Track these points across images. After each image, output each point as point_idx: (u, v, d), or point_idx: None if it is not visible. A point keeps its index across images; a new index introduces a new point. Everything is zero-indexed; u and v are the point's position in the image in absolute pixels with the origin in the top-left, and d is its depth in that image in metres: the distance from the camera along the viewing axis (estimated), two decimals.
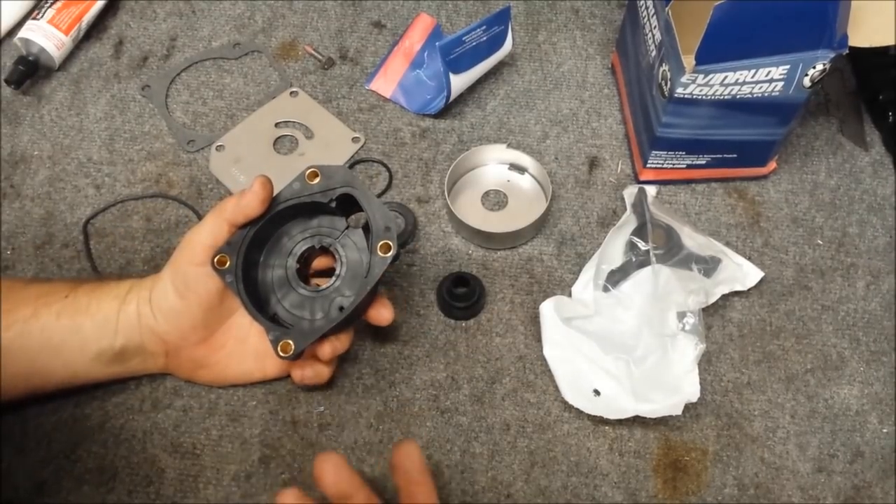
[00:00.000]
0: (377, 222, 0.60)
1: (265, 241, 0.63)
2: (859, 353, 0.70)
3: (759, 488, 0.64)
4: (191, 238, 0.60)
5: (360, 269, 0.63)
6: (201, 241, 0.60)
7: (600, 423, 0.66)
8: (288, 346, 0.58)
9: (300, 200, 0.62)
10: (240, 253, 0.60)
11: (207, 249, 0.59)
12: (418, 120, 0.81)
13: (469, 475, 0.64)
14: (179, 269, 0.60)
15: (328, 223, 0.64)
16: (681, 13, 0.66)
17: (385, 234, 0.60)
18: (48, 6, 0.83)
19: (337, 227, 0.63)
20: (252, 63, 0.85)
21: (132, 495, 0.63)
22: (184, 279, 0.60)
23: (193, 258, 0.60)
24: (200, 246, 0.60)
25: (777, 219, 0.76)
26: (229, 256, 0.60)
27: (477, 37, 0.76)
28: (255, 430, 0.65)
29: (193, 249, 0.60)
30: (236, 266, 0.60)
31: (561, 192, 0.77)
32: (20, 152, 0.79)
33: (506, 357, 0.69)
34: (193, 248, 0.60)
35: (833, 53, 0.63)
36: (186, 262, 0.60)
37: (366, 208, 0.61)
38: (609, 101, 0.83)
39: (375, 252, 0.59)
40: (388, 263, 0.59)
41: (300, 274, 0.63)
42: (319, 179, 0.61)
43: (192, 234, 0.61)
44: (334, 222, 0.64)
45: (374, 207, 0.61)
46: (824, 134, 0.81)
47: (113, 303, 0.61)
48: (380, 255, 0.59)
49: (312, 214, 0.63)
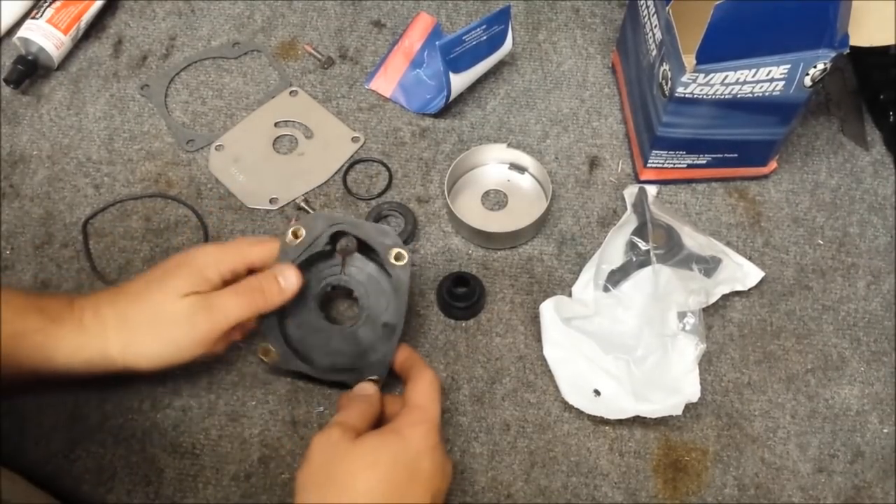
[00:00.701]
0: (376, 241, 0.63)
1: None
2: (860, 353, 0.70)
3: (759, 488, 0.64)
4: (221, 308, 0.58)
5: (377, 285, 0.66)
6: (231, 317, 0.59)
7: (600, 423, 0.66)
8: (373, 383, 0.62)
9: (307, 256, 0.63)
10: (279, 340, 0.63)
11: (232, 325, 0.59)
12: (418, 119, 0.81)
13: (469, 475, 0.64)
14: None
15: (329, 264, 0.66)
16: (681, 12, 0.66)
17: (389, 246, 0.63)
18: (47, 5, 0.83)
19: (335, 262, 0.66)
20: (251, 62, 0.85)
21: (131, 495, 0.63)
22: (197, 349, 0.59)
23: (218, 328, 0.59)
24: (227, 323, 0.59)
25: (778, 219, 0.76)
26: (273, 346, 0.63)
27: (477, 36, 0.75)
28: (254, 430, 0.65)
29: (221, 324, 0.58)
30: (282, 354, 0.63)
31: (561, 192, 0.77)
32: (19, 152, 0.79)
33: (506, 357, 0.69)
34: (221, 321, 0.58)
35: (834, 53, 0.63)
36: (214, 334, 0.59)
37: (359, 234, 0.64)
38: (609, 101, 0.83)
39: (392, 266, 0.62)
40: (410, 268, 0.62)
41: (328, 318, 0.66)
42: (304, 233, 0.63)
43: (220, 303, 0.58)
44: (329, 261, 0.66)
45: (366, 230, 0.64)
46: (825, 134, 0.81)
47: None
48: (398, 266, 0.62)
49: (310, 265, 0.65)
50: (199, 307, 0.58)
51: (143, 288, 0.59)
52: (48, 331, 0.56)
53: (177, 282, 0.58)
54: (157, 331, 0.57)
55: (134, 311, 0.58)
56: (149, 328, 0.57)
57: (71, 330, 0.57)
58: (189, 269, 0.59)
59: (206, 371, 0.67)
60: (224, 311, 0.58)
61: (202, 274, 0.59)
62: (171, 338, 0.58)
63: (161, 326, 0.57)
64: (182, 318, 0.57)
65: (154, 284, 0.59)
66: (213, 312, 0.58)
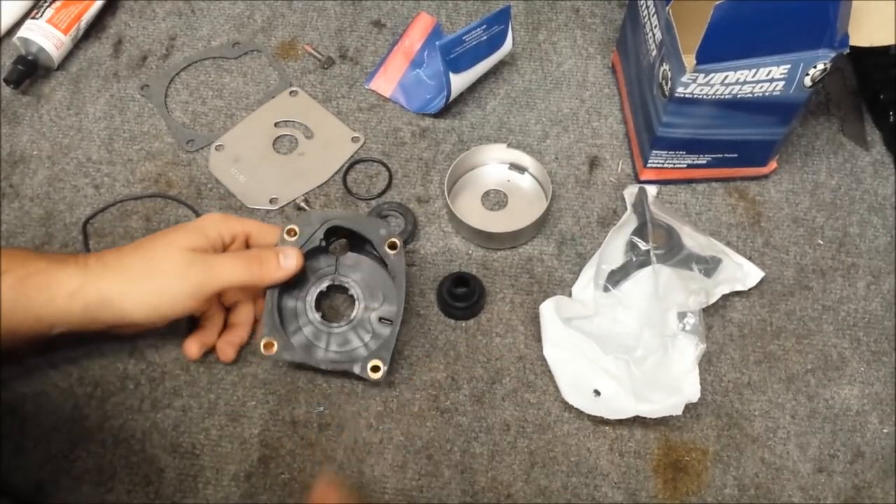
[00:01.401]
0: (371, 232, 0.65)
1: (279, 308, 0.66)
2: (860, 354, 0.70)
3: (759, 488, 0.64)
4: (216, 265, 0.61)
5: (372, 280, 0.68)
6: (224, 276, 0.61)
7: (600, 423, 0.66)
8: (378, 367, 0.62)
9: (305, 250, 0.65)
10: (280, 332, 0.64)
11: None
12: (418, 119, 0.81)
13: (469, 475, 0.64)
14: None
15: (324, 263, 0.68)
16: (681, 12, 0.66)
17: (384, 237, 0.65)
18: (47, 5, 0.83)
19: (329, 263, 0.69)
20: (251, 62, 0.85)
21: (131, 495, 0.63)
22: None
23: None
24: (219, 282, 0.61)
25: (778, 219, 0.76)
26: (275, 340, 0.63)
27: (477, 36, 0.75)
28: (254, 430, 0.65)
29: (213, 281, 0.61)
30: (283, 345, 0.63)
31: (561, 192, 0.77)
32: (19, 152, 0.79)
33: (506, 357, 0.69)
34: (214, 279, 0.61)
35: (834, 53, 0.63)
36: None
37: (354, 228, 0.66)
38: (609, 101, 0.83)
39: (387, 255, 0.65)
40: (403, 256, 0.65)
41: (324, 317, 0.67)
42: (299, 231, 0.65)
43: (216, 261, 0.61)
44: (324, 262, 0.68)
45: (359, 223, 0.66)
46: (825, 134, 0.81)
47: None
48: (392, 254, 0.65)
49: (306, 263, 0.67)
50: (195, 260, 0.60)
51: (147, 241, 0.62)
52: (51, 271, 0.58)
53: (177, 235, 0.61)
54: (153, 277, 0.60)
55: (134, 259, 0.60)
56: (145, 276, 0.59)
57: (74, 271, 0.58)
58: (192, 226, 0.63)
59: (206, 371, 0.67)
60: (218, 269, 0.61)
61: (203, 231, 0.62)
62: (164, 285, 0.60)
63: (156, 274, 0.60)
64: (177, 269, 0.60)
65: (158, 238, 0.62)
66: (208, 268, 0.61)
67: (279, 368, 0.68)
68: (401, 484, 0.64)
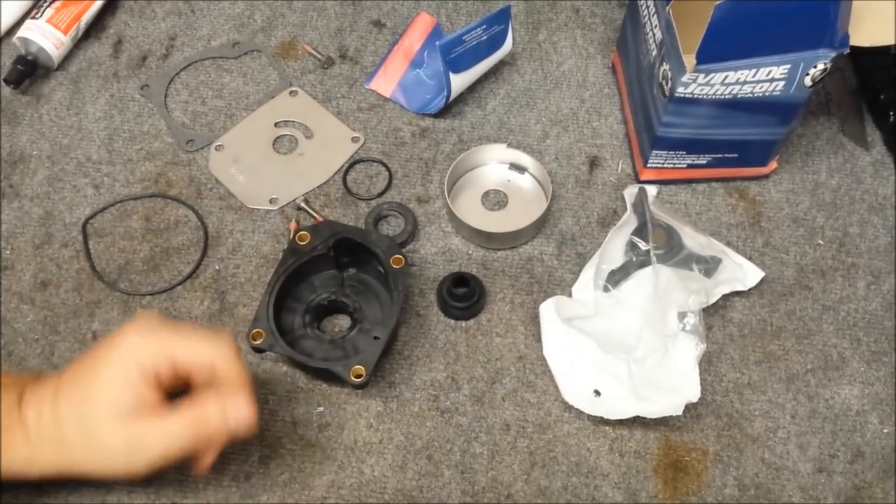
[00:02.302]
0: (377, 246, 0.67)
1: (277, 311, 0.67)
2: (860, 354, 0.70)
3: (759, 488, 0.64)
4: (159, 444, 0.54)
5: (372, 297, 0.69)
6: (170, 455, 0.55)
7: (600, 423, 0.66)
8: (360, 371, 0.62)
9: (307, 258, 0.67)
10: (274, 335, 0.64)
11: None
12: (418, 119, 0.81)
13: (469, 475, 0.64)
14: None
15: (329, 276, 0.70)
16: (681, 12, 0.66)
17: (389, 251, 0.66)
18: (47, 5, 0.83)
19: (333, 276, 0.70)
20: (251, 62, 0.85)
21: (132, 495, 0.63)
22: None
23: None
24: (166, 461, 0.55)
25: (778, 219, 0.76)
26: (264, 332, 0.64)
27: (477, 36, 0.75)
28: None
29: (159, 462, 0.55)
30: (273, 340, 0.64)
31: (561, 192, 0.77)
32: (19, 152, 0.79)
33: (506, 357, 0.69)
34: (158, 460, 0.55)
35: (834, 53, 0.63)
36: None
37: (361, 241, 0.67)
38: (609, 101, 0.83)
39: (392, 269, 0.66)
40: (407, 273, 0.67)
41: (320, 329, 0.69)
42: (310, 237, 0.67)
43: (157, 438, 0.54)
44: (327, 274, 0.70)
45: (367, 237, 0.67)
46: (825, 134, 0.81)
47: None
48: (397, 269, 0.66)
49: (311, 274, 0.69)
50: (136, 446, 0.54)
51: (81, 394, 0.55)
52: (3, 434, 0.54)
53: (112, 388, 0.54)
54: (92, 453, 0.55)
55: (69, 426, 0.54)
56: (85, 450, 0.55)
57: (20, 442, 0.54)
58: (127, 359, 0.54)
59: None
60: (162, 447, 0.54)
61: (141, 366, 0.54)
62: (110, 468, 0.55)
63: (96, 449, 0.55)
64: (120, 454, 0.55)
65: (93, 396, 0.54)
66: (151, 450, 0.54)
67: (279, 368, 0.68)
68: (401, 484, 0.64)
